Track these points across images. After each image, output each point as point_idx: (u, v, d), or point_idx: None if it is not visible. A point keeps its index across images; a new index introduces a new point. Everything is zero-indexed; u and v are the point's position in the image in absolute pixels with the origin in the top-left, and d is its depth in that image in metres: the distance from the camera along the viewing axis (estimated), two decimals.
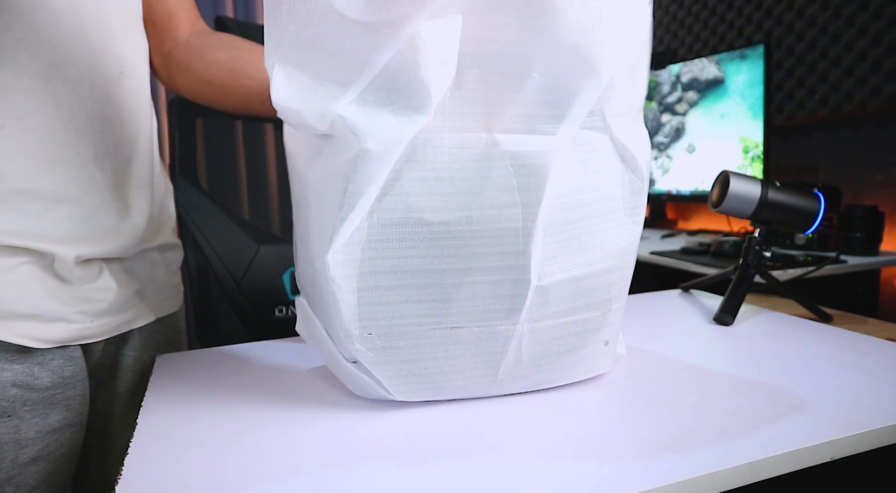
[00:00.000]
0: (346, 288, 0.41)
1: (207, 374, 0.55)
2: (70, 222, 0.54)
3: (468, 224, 0.41)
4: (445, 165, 0.40)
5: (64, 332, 0.53)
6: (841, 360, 0.55)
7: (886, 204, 1.47)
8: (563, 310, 0.45)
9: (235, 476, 0.37)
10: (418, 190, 0.40)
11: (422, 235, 0.41)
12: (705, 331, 0.66)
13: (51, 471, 0.54)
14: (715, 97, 1.73)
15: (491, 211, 0.41)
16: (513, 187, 0.41)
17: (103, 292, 0.56)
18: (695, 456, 0.38)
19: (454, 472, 0.37)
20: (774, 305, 0.84)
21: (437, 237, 0.41)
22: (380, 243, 0.41)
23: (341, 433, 0.42)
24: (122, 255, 0.59)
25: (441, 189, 0.40)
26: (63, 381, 0.54)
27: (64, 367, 0.54)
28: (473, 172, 0.40)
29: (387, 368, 0.44)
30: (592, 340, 0.48)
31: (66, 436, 0.55)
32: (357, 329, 0.42)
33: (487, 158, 0.40)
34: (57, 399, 0.54)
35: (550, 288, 0.43)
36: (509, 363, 0.45)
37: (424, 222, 0.40)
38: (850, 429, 0.41)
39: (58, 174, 0.52)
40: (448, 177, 0.40)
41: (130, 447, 0.41)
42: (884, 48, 1.46)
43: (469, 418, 0.44)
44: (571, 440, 0.40)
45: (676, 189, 1.90)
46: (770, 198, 0.72)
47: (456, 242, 0.41)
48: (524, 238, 0.41)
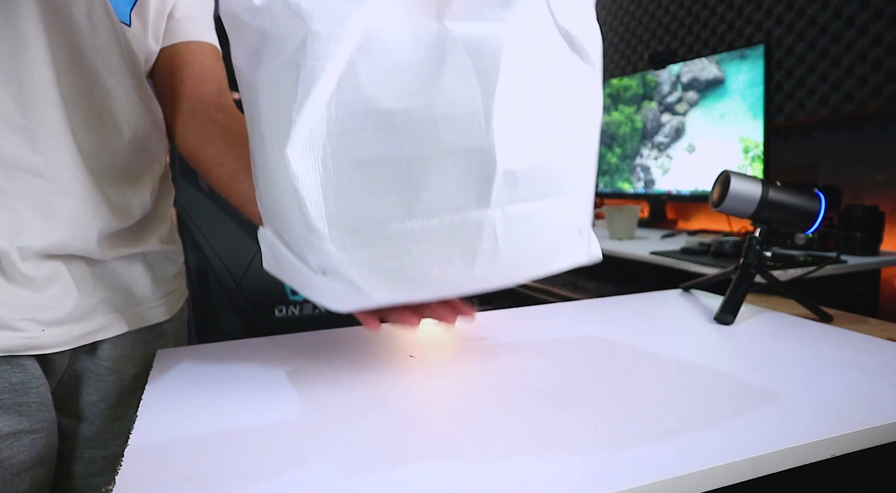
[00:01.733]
0: (310, 184, 0.40)
1: (207, 369, 0.55)
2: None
3: (428, 108, 0.40)
4: (399, 54, 0.40)
5: (8, 341, 0.50)
6: (841, 359, 0.55)
7: (887, 204, 1.48)
8: (533, 194, 0.45)
9: (234, 471, 0.37)
10: (374, 80, 0.40)
11: (383, 124, 0.40)
12: (706, 331, 0.66)
13: (8, 478, 0.52)
14: (715, 97, 1.73)
15: (450, 94, 0.40)
16: (469, 71, 0.41)
17: (59, 299, 0.53)
18: (696, 451, 0.38)
19: (452, 467, 0.37)
20: (775, 305, 0.84)
21: (398, 125, 0.40)
22: (341, 137, 0.40)
23: (340, 429, 0.42)
24: (84, 254, 0.56)
25: (397, 78, 0.40)
26: (11, 387, 0.52)
27: (11, 372, 0.52)
28: (428, 60, 0.40)
29: (360, 266, 0.43)
30: (566, 226, 0.48)
31: (23, 442, 0.53)
32: (325, 228, 0.41)
33: (440, 44, 0.40)
34: (5, 405, 0.51)
35: (519, 172, 0.43)
36: (486, 254, 0.44)
37: (384, 111, 0.40)
38: (851, 426, 0.41)
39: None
40: (404, 65, 0.40)
41: (130, 440, 0.41)
42: (884, 48, 1.46)
43: (466, 411, 0.44)
44: (571, 435, 0.40)
45: (676, 189, 1.90)
46: (770, 198, 0.72)
47: (418, 128, 0.40)
48: (485, 118, 0.41)
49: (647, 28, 2.20)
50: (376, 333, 0.65)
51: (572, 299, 1.02)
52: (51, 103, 0.52)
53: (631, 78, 2.06)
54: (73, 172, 0.54)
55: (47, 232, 0.52)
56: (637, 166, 2.07)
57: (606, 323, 0.69)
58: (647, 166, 2.03)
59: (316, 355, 0.59)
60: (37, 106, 0.51)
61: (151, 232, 0.65)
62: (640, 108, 2.04)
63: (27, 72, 0.50)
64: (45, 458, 0.56)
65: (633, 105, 2.07)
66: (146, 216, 0.64)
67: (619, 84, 2.13)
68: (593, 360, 0.56)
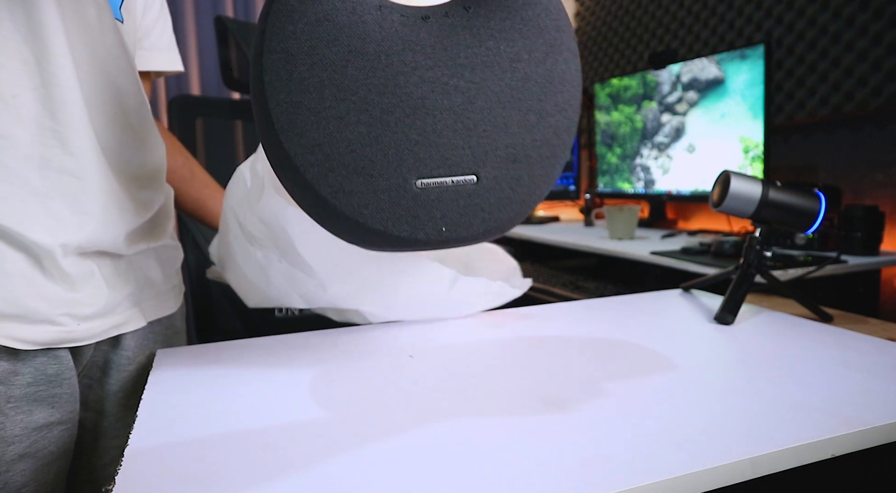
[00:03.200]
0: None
1: (207, 369, 0.55)
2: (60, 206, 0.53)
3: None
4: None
5: (48, 334, 0.53)
6: (841, 360, 0.55)
7: (887, 204, 1.48)
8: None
9: (234, 471, 0.37)
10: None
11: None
12: (706, 331, 0.66)
13: (39, 468, 0.54)
14: (715, 97, 1.73)
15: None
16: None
17: (92, 295, 0.56)
18: (695, 451, 0.38)
19: (452, 467, 0.37)
20: (775, 305, 0.84)
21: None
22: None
23: (340, 428, 0.42)
24: (112, 250, 0.58)
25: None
26: (47, 379, 0.54)
27: (47, 364, 0.54)
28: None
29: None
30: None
31: (53, 434, 0.55)
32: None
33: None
34: (41, 396, 0.54)
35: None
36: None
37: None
38: (851, 426, 0.41)
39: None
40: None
41: (129, 440, 0.41)
42: (884, 48, 1.46)
43: (466, 410, 0.44)
44: (570, 435, 0.40)
45: (676, 189, 1.90)
46: (771, 198, 0.72)
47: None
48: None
49: (647, 28, 2.20)
50: (376, 332, 0.67)
51: (572, 299, 1.03)
52: (76, 105, 0.54)
53: (631, 78, 2.06)
54: (99, 169, 0.56)
55: (84, 228, 0.55)
56: (637, 166, 2.07)
57: (606, 323, 0.69)
58: (647, 166, 2.03)
59: (316, 356, 0.59)
60: (64, 108, 0.53)
61: (164, 227, 0.69)
62: (640, 108, 2.04)
63: (53, 76, 0.52)
64: (68, 449, 0.58)
65: (633, 105, 2.07)
66: (159, 211, 0.68)
67: (619, 84, 2.12)
68: (593, 360, 0.56)
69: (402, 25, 0.44)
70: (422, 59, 0.44)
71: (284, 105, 0.42)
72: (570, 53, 0.49)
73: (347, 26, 0.43)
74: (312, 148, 0.42)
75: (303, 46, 0.42)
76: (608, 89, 2.18)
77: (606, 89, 2.18)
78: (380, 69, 0.43)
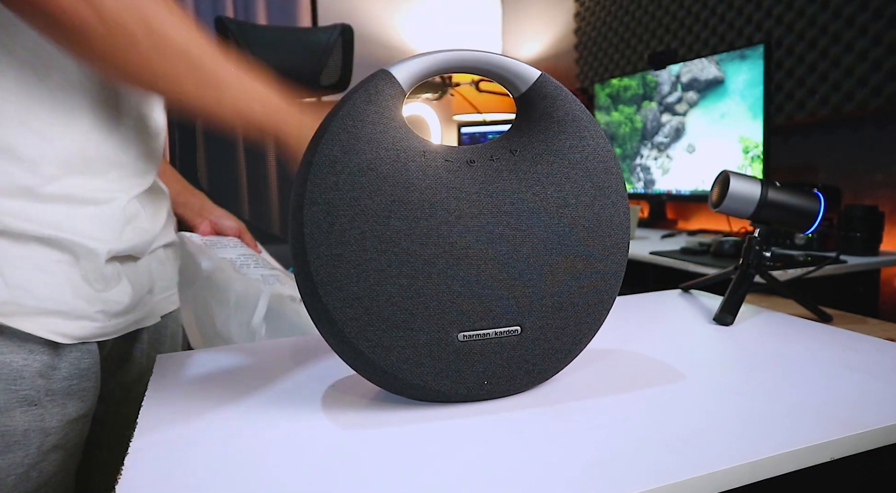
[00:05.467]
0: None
1: (207, 373, 0.55)
2: (101, 217, 0.56)
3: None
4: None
5: (85, 329, 0.55)
6: (841, 360, 0.55)
7: (886, 204, 1.47)
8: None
9: (235, 476, 0.37)
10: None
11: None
12: (705, 331, 0.66)
13: (66, 459, 0.56)
14: (715, 97, 1.73)
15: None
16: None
17: (121, 294, 0.58)
18: (695, 456, 0.38)
19: (452, 469, 0.37)
20: (774, 305, 0.84)
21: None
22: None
23: (341, 433, 0.42)
24: (136, 253, 0.61)
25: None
26: (79, 373, 0.56)
27: (81, 359, 0.56)
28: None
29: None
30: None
31: (80, 426, 0.57)
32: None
33: None
34: (73, 390, 0.56)
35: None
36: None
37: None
38: (851, 429, 0.41)
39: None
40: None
41: (130, 446, 0.41)
42: (884, 48, 1.46)
43: (466, 412, 0.44)
44: (570, 438, 0.40)
45: (676, 189, 1.90)
46: (770, 198, 0.72)
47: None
48: None
49: (647, 28, 2.20)
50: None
51: None
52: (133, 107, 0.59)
53: (631, 78, 2.06)
54: (137, 172, 0.61)
55: (126, 235, 0.58)
56: (637, 166, 2.07)
57: (606, 323, 0.69)
58: (646, 166, 2.03)
59: (316, 359, 0.59)
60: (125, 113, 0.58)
61: (171, 225, 0.72)
62: (640, 108, 2.04)
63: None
64: (83, 442, 0.60)
65: (633, 105, 2.07)
66: (169, 211, 0.71)
67: (619, 84, 2.12)
68: (592, 361, 0.56)
69: (447, 171, 0.43)
70: (466, 206, 0.43)
71: (325, 258, 0.41)
72: (618, 196, 0.47)
73: (391, 175, 0.41)
74: (352, 301, 0.41)
75: (345, 197, 0.40)
76: (608, 89, 2.17)
77: (606, 89, 2.18)
78: (423, 219, 0.42)
